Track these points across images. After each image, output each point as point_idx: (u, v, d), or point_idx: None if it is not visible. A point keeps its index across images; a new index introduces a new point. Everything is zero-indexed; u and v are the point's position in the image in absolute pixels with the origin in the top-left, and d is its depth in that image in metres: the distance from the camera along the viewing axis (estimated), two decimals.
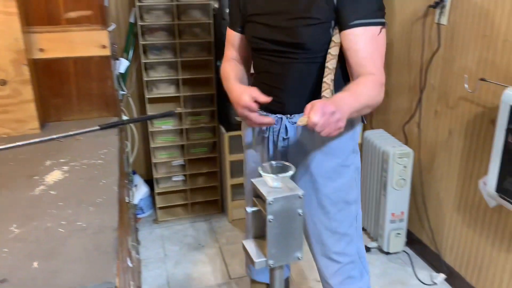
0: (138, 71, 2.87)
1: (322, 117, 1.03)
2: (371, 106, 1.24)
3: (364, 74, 1.23)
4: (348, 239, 1.46)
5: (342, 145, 1.39)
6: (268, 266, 0.94)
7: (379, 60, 1.26)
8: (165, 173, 2.88)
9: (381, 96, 1.25)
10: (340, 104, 1.09)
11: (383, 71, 1.27)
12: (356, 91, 1.19)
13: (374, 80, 1.22)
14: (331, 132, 1.07)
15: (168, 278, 2.41)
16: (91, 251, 0.93)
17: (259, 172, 0.93)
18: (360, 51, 1.24)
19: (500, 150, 1.75)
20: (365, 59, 1.24)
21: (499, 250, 1.98)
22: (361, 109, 1.20)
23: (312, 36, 1.26)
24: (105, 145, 1.47)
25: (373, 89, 1.21)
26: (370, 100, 1.21)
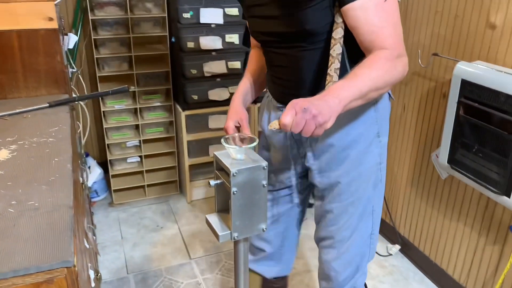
0: (87, 48, 2.75)
1: (292, 117, 0.94)
2: (383, 87, 1.07)
3: (375, 51, 1.08)
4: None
5: (362, 131, 1.27)
6: (233, 239, 0.93)
7: (390, 30, 1.08)
8: (120, 155, 2.80)
9: (397, 71, 1.08)
10: (324, 98, 0.97)
11: (399, 42, 1.10)
12: (354, 77, 1.03)
13: (384, 56, 1.06)
14: (310, 131, 0.95)
15: (126, 261, 2.36)
16: (46, 231, 0.87)
17: (222, 143, 0.91)
18: (364, 27, 1.08)
19: (451, 122, 1.80)
20: (372, 34, 1.08)
21: (450, 220, 2.07)
22: (366, 94, 1.04)
23: (311, 20, 1.13)
24: (56, 123, 1.39)
25: (381, 67, 1.04)
26: (377, 81, 1.04)
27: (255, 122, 2.85)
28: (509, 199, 1.60)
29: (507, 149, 1.57)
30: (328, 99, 0.98)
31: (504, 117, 1.57)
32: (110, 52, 2.57)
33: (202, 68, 2.63)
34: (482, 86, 1.64)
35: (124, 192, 2.90)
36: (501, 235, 1.81)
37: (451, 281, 2.10)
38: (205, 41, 2.57)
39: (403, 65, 1.10)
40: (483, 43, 1.78)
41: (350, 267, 1.40)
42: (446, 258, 2.12)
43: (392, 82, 1.09)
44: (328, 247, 1.39)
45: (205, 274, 2.27)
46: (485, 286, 1.92)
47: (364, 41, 1.10)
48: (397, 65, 1.08)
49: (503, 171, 1.60)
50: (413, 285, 2.21)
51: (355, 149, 1.26)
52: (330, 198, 1.32)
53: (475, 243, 1.94)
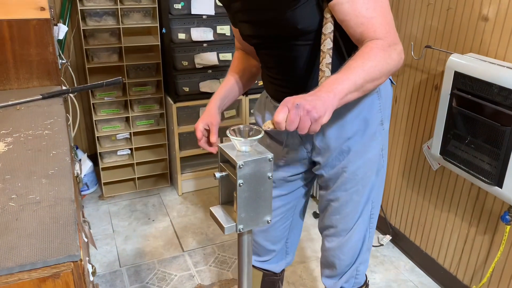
0: (76, 39, 2.70)
1: (285, 114, 0.92)
2: (378, 77, 1.04)
3: (367, 42, 1.06)
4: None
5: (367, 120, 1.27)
6: (238, 231, 0.93)
7: (379, 20, 1.06)
8: (110, 147, 2.77)
9: (392, 59, 1.06)
10: (317, 93, 0.95)
11: (390, 30, 1.08)
12: (347, 69, 1.01)
13: (376, 46, 1.03)
14: (306, 127, 0.93)
15: (118, 254, 2.34)
16: (49, 224, 0.86)
17: (228, 135, 0.90)
18: (353, 19, 1.06)
19: (444, 114, 1.82)
20: (361, 25, 1.06)
21: (441, 210, 2.10)
22: (361, 86, 1.01)
23: (301, 20, 1.11)
24: (50, 115, 1.37)
25: (374, 57, 1.02)
26: (372, 71, 1.01)
27: (246, 114, 2.85)
28: (501, 189, 1.63)
29: (499, 140, 1.59)
30: (321, 94, 0.96)
31: (497, 108, 1.59)
32: (99, 43, 2.53)
33: (193, 60, 2.61)
34: (475, 78, 1.66)
35: (115, 185, 2.88)
36: (491, 224, 1.85)
37: (442, 270, 2.13)
38: (196, 32, 2.55)
39: (398, 53, 1.08)
40: (475, 36, 1.80)
41: (352, 252, 1.43)
42: (437, 248, 2.16)
43: (388, 71, 1.07)
44: (332, 235, 1.41)
45: (199, 266, 2.27)
46: (475, 274, 1.96)
47: (355, 34, 1.09)
48: (391, 53, 1.06)
49: (495, 162, 1.62)
50: (404, 274, 2.24)
51: (361, 138, 1.27)
52: (334, 187, 1.33)
53: (465, 233, 1.98)
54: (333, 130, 1.26)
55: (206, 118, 1.32)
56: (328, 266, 1.50)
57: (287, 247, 1.59)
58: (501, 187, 1.63)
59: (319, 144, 1.31)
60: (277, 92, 1.33)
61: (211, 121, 1.30)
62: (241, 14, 1.25)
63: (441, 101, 1.83)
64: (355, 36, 1.10)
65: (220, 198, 1.00)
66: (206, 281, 2.17)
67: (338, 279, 1.50)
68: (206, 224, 2.60)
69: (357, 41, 1.11)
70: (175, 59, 2.58)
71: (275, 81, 1.31)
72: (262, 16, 1.17)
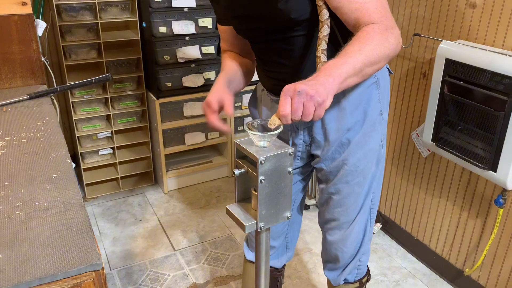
0: (51, 36, 2.59)
1: (289, 105, 0.88)
2: (377, 61, 1.01)
3: (361, 28, 1.03)
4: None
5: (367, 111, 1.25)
6: (259, 229, 0.90)
7: (374, 4, 1.04)
8: (91, 147, 2.67)
9: (390, 43, 1.02)
10: (316, 78, 0.92)
11: (386, 14, 1.05)
12: (345, 54, 0.98)
13: (373, 30, 1.01)
14: (311, 113, 0.89)
15: (107, 257, 2.27)
16: (63, 232, 0.81)
17: (246, 130, 0.87)
18: (346, 5, 1.03)
19: (435, 101, 1.84)
20: (356, 11, 1.03)
21: (432, 196, 2.13)
22: (360, 70, 0.98)
23: (295, 10, 1.09)
24: (41, 116, 1.30)
25: (371, 41, 0.99)
26: (370, 55, 0.99)
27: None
28: (495, 174, 1.65)
29: (493, 125, 1.62)
30: (320, 79, 0.93)
31: (490, 94, 1.61)
32: (76, 39, 2.43)
33: (175, 54, 2.54)
34: (467, 65, 1.68)
35: (97, 186, 2.79)
36: (483, 208, 1.88)
37: (434, 255, 2.17)
38: (177, 25, 2.49)
39: (395, 36, 1.06)
40: (463, 23, 1.81)
41: (355, 244, 1.42)
42: (428, 234, 2.19)
43: (386, 55, 1.04)
44: (334, 228, 1.39)
45: (192, 264, 2.23)
46: (468, 258, 2.00)
47: (349, 20, 1.06)
48: (388, 37, 1.03)
49: (489, 147, 1.65)
50: (397, 261, 2.27)
51: (360, 129, 1.26)
52: (335, 180, 1.31)
53: (457, 217, 2.01)
54: (333, 122, 1.25)
55: (216, 93, 1.15)
56: (330, 260, 1.49)
57: (287, 242, 1.58)
58: (495, 171, 1.65)
59: (319, 137, 1.28)
60: (274, 86, 1.29)
61: (223, 95, 1.14)
62: (232, 9, 1.21)
63: (432, 88, 1.85)
64: (350, 23, 1.07)
65: (236, 196, 0.96)
66: (200, 280, 2.14)
67: (341, 271, 1.49)
68: (196, 222, 2.55)
69: (353, 27, 1.08)
70: (156, 53, 2.50)
71: (271, 74, 1.28)
72: (254, 10, 1.14)
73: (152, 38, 2.46)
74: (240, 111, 2.88)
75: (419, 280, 2.14)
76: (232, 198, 2.78)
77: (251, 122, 0.90)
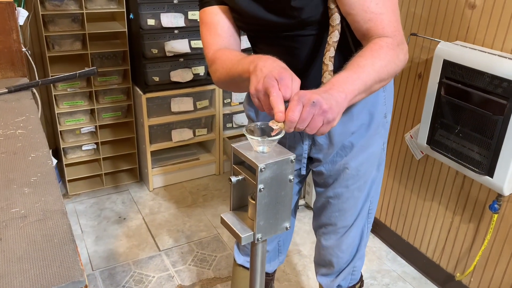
0: (33, 26, 2.48)
1: (300, 111, 0.81)
2: (385, 78, 0.98)
3: (374, 38, 0.99)
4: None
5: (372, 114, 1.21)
6: (256, 240, 0.84)
7: (389, 16, 0.99)
8: (74, 142, 2.58)
9: (400, 60, 0.99)
10: (330, 92, 0.86)
11: (399, 28, 1.01)
12: (358, 68, 0.92)
13: (386, 45, 0.96)
14: (316, 128, 0.83)
15: (89, 257, 2.19)
16: (42, 244, 0.73)
17: (245, 134, 0.80)
18: (360, 14, 0.98)
19: (432, 103, 1.80)
20: (369, 21, 0.98)
21: (424, 199, 2.09)
22: (370, 87, 0.94)
23: (306, 10, 1.03)
24: (21, 111, 1.21)
25: (384, 57, 0.95)
26: (381, 72, 0.94)
27: (220, 104, 2.73)
28: (492, 179, 1.62)
29: (491, 130, 1.58)
30: (334, 93, 0.86)
31: (489, 97, 1.57)
32: (60, 29, 2.33)
33: (163, 48, 2.45)
34: (466, 67, 1.63)
35: (80, 182, 2.70)
36: (476, 213, 1.85)
37: (425, 259, 2.14)
38: (166, 18, 2.40)
39: (404, 53, 1.02)
40: (461, 23, 1.77)
41: (350, 249, 1.37)
42: (419, 237, 2.15)
43: (394, 73, 1.01)
44: (330, 233, 1.35)
45: (177, 266, 2.16)
46: (459, 262, 1.97)
47: (360, 29, 1.02)
48: (399, 53, 1.00)
49: (486, 151, 1.61)
50: (386, 264, 2.23)
51: (365, 133, 1.21)
52: (335, 184, 1.26)
53: (449, 221, 1.98)
54: (338, 125, 1.19)
55: (287, 68, 0.91)
56: (324, 265, 1.45)
57: (279, 246, 1.52)
58: (492, 177, 1.62)
59: (321, 140, 1.23)
60: None
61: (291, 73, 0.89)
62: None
63: (429, 90, 1.80)
64: (360, 31, 1.02)
65: (231, 204, 0.90)
66: (186, 282, 2.07)
67: (335, 277, 1.44)
68: (182, 221, 2.48)
69: (362, 36, 1.03)
70: (144, 46, 2.42)
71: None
72: (267, 4, 1.07)
73: (140, 30, 2.37)
74: (230, 108, 2.81)
75: (409, 284, 2.11)
76: (219, 197, 2.71)
77: (249, 125, 0.83)
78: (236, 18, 1.14)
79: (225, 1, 1.13)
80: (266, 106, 0.85)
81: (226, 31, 1.14)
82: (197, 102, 2.67)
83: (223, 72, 1.06)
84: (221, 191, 2.76)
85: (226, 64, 1.05)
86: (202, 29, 1.17)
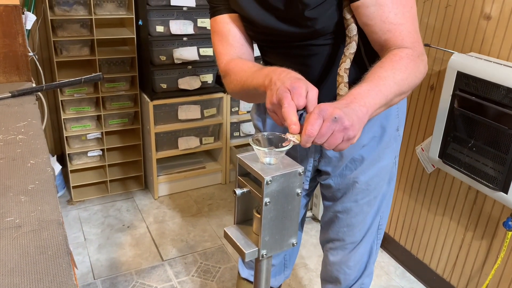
0: (42, 30, 2.47)
1: (320, 126, 0.77)
2: (406, 91, 0.94)
3: (394, 49, 0.95)
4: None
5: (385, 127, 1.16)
6: (261, 257, 0.80)
7: (408, 27, 0.95)
8: (79, 148, 2.55)
9: (420, 72, 0.96)
10: (351, 106, 0.82)
11: (418, 39, 0.98)
12: (379, 80, 0.88)
13: (407, 56, 0.93)
14: (335, 144, 0.80)
15: (91, 265, 2.15)
16: (35, 256, 0.70)
17: (251, 144, 0.77)
18: (378, 25, 0.95)
19: (444, 116, 1.75)
20: (388, 32, 0.95)
21: (435, 214, 2.03)
22: (390, 100, 0.90)
23: (320, 19, 0.99)
24: (23, 116, 1.18)
25: (405, 69, 0.91)
26: (402, 84, 0.91)
27: (227, 112, 2.70)
28: (507, 195, 1.56)
29: (506, 144, 1.53)
30: (355, 108, 0.82)
31: (505, 111, 1.52)
32: (69, 34, 2.32)
33: (171, 55, 2.43)
34: (481, 79, 1.59)
35: (85, 188, 2.67)
36: (490, 230, 1.79)
37: (434, 276, 2.07)
38: (175, 25, 2.38)
39: (424, 65, 0.99)
40: (476, 35, 1.73)
41: (359, 266, 1.33)
42: (429, 253, 2.09)
43: (414, 85, 0.97)
44: (337, 248, 1.30)
45: (180, 276, 2.12)
46: (470, 280, 1.91)
47: (378, 40, 0.98)
48: (419, 65, 0.96)
49: (501, 167, 1.56)
50: (395, 280, 2.17)
51: (376, 146, 1.16)
52: (344, 198, 1.22)
53: (461, 238, 1.92)
54: None
55: (303, 80, 0.88)
56: (331, 281, 1.40)
57: (285, 260, 1.48)
58: (507, 193, 1.56)
59: (331, 153, 1.18)
60: None
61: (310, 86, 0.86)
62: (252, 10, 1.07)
63: (441, 102, 1.76)
64: (378, 42, 0.99)
65: (235, 217, 0.86)
66: None
67: None
68: (186, 230, 2.44)
69: (380, 48, 1.00)
70: (152, 53, 2.40)
71: None
72: (281, 13, 1.03)
73: (148, 37, 2.35)
74: (237, 116, 2.78)
75: None
76: (224, 206, 2.67)
77: (256, 135, 0.80)
78: (248, 27, 1.10)
79: (236, 10, 1.10)
80: (282, 118, 0.82)
81: (238, 40, 1.11)
82: (205, 110, 2.64)
83: (238, 85, 1.03)
84: (227, 201, 2.72)
85: (239, 76, 1.02)
86: (213, 39, 1.14)
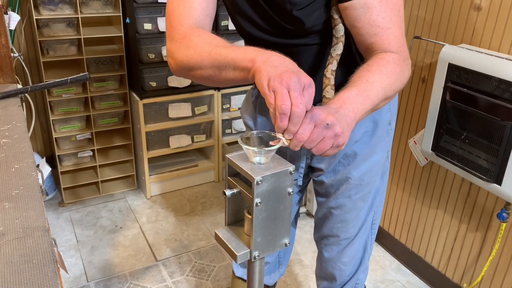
0: (27, 30, 2.43)
1: (310, 131, 0.76)
2: (391, 96, 0.93)
3: (380, 53, 0.94)
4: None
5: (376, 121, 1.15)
6: (253, 258, 0.78)
7: (395, 31, 0.95)
8: (69, 149, 2.52)
9: (405, 77, 0.96)
10: (341, 111, 0.81)
11: (404, 43, 0.97)
12: (366, 84, 0.87)
13: (393, 60, 0.92)
14: (324, 150, 0.78)
15: (84, 267, 2.13)
16: (19, 265, 0.67)
17: (240, 144, 0.75)
18: (365, 27, 0.94)
19: (436, 108, 1.74)
20: (375, 36, 0.94)
21: (428, 207, 2.03)
22: (376, 106, 0.90)
23: (308, 18, 0.97)
24: (7, 119, 1.15)
25: (392, 74, 0.90)
26: (388, 90, 0.90)
27: (219, 109, 2.68)
28: (500, 187, 1.56)
29: (499, 136, 1.52)
30: (345, 113, 0.81)
31: (496, 102, 1.51)
32: (55, 34, 2.28)
33: (160, 52, 2.40)
34: (472, 71, 1.58)
35: (76, 190, 2.64)
36: (484, 221, 1.79)
37: (430, 269, 2.07)
38: (163, 22, 2.35)
39: (408, 70, 0.98)
40: (466, 26, 1.72)
41: (354, 262, 1.32)
42: (424, 246, 2.09)
43: (399, 90, 0.97)
44: (332, 244, 1.29)
45: (175, 276, 2.10)
46: (466, 272, 1.90)
47: (364, 42, 0.97)
48: (405, 70, 0.96)
49: (494, 158, 1.55)
50: (391, 274, 2.17)
51: (368, 141, 1.15)
52: (337, 194, 1.20)
53: (455, 230, 1.92)
54: None
55: (300, 69, 0.82)
56: (326, 278, 1.39)
57: (280, 258, 1.46)
58: (500, 184, 1.56)
59: None
60: None
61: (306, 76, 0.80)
62: (243, 10, 1.05)
63: (433, 94, 1.74)
64: (364, 45, 0.98)
65: (226, 219, 0.84)
66: None
67: None
68: (180, 230, 2.42)
69: (365, 49, 0.98)
70: (140, 51, 2.37)
71: None
72: (267, 13, 1.01)
73: (136, 35, 2.32)
74: (229, 113, 2.75)
75: None
76: (218, 204, 2.65)
77: (245, 134, 0.78)
78: (237, 24, 1.09)
79: (228, 7, 1.08)
80: (273, 118, 0.76)
81: (204, 9, 1.00)
82: (195, 107, 2.62)
83: (200, 52, 0.89)
84: (220, 199, 2.70)
85: (209, 42, 0.90)
86: (173, 1, 0.99)
